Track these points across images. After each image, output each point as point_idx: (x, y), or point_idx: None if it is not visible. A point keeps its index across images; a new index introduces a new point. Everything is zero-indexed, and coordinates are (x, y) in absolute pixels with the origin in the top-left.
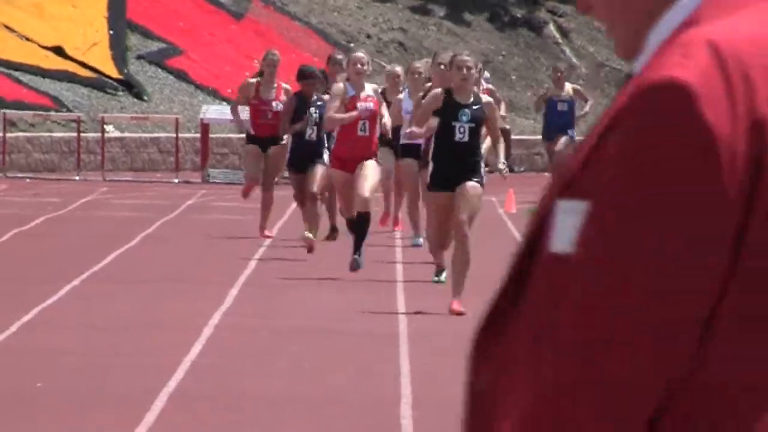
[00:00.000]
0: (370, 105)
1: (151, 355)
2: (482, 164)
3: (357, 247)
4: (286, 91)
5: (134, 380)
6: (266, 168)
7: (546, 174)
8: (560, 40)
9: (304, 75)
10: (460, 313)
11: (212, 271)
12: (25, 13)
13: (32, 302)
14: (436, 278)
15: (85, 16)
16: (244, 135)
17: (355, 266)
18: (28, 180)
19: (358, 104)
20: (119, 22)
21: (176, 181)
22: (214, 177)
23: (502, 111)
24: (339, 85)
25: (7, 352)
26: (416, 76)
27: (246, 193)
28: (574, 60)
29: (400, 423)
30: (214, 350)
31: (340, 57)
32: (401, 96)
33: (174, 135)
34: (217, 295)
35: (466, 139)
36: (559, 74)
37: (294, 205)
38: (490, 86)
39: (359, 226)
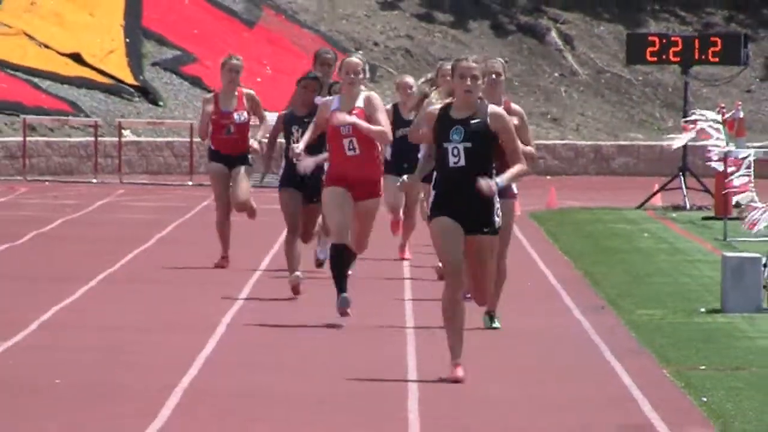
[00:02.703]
0: (350, 118)
1: (165, 353)
2: (496, 201)
3: (339, 285)
4: (249, 97)
5: (150, 377)
6: (234, 190)
7: (548, 177)
8: (562, 47)
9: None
10: (457, 380)
11: (226, 271)
12: (44, 21)
13: (50, 302)
14: (490, 323)
15: (102, 25)
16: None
17: (343, 305)
18: (47, 183)
19: (333, 117)
20: (135, 30)
21: (190, 183)
22: None
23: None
24: (326, 99)
25: (27, 349)
26: (448, 78)
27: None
28: (576, 66)
29: (407, 417)
30: (227, 348)
31: (329, 56)
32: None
33: (188, 139)
34: (231, 295)
35: (462, 163)
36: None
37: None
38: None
39: (335, 260)
